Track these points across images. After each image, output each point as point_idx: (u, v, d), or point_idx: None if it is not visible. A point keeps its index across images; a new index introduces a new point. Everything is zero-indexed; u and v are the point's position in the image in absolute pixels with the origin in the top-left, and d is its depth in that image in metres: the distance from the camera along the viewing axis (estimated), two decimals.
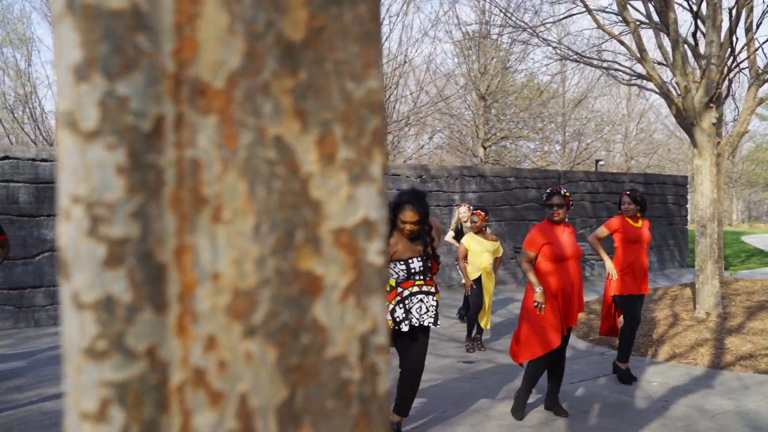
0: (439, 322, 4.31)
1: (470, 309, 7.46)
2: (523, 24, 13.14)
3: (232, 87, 0.50)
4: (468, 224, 8.03)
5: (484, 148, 21.60)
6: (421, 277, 4.14)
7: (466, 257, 7.31)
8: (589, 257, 14.35)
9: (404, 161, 23.70)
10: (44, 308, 8.88)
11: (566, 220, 5.01)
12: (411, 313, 4.09)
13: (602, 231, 5.91)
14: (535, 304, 4.75)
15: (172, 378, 0.49)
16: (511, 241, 13.55)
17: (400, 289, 4.10)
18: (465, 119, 23.10)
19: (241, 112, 0.50)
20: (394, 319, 4.05)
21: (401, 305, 4.08)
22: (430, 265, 4.15)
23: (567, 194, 4.90)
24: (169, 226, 0.49)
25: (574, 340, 7.74)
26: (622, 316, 5.94)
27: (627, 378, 5.81)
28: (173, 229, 0.49)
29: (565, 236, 4.88)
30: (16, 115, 21.46)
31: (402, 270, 4.09)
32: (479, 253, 7.18)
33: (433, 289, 4.23)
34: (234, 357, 0.50)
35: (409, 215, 3.97)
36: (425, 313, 4.15)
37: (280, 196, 0.51)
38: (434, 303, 4.22)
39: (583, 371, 6.28)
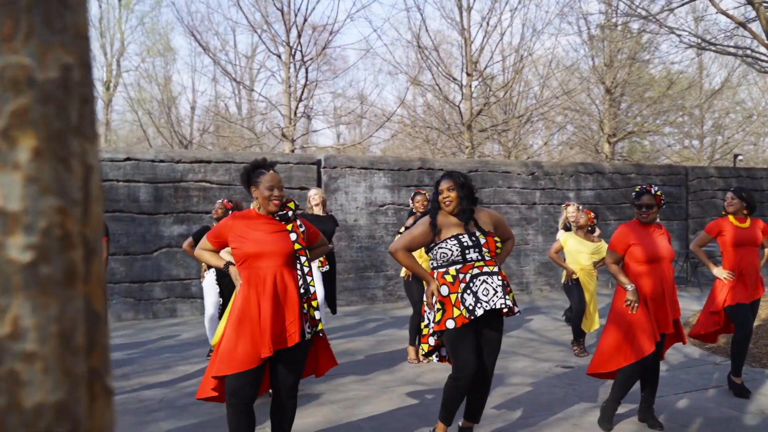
0: (508, 303, 3.91)
1: (573, 313, 7.14)
2: (647, 14, 12.44)
3: None
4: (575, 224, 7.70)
5: (610, 144, 20.65)
6: (479, 256, 3.92)
7: (557, 252, 7.03)
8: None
9: (527, 158, 23.05)
10: (161, 301, 9.43)
11: (657, 220, 4.65)
12: (478, 297, 3.87)
13: (704, 237, 5.48)
14: (627, 302, 4.45)
15: None
16: None
17: (461, 276, 3.90)
18: (591, 114, 22.18)
19: None
20: (466, 308, 3.85)
21: (468, 291, 3.87)
22: (485, 240, 3.94)
23: (658, 193, 4.54)
24: None
25: (688, 347, 7.20)
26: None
27: (742, 392, 5.33)
28: None
29: (656, 237, 4.54)
30: (154, 119, 22.92)
31: (455, 245, 3.89)
32: (576, 252, 6.86)
33: (495, 269, 3.96)
34: None
35: (444, 184, 4.00)
36: (494, 295, 3.89)
37: None
38: (500, 283, 3.93)
39: (691, 381, 5.82)
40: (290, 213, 3.65)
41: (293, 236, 3.60)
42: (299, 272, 3.61)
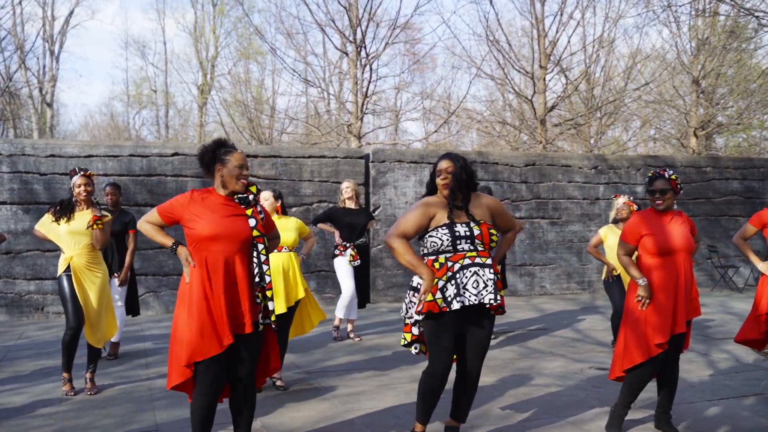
0: (493, 299, 3.62)
1: (613, 311, 6.70)
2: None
3: None
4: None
5: (697, 137, 19.47)
6: (471, 247, 3.64)
7: (596, 247, 6.61)
8: None
9: (612, 153, 22.05)
10: None
11: (674, 207, 4.23)
12: (467, 289, 3.59)
13: (748, 228, 5.01)
14: (638, 298, 4.07)
15: None
16: (708, 238, 12.02)
17: (449, 264, 3.62)
18: (677, 106, 20.98)
19: None
20: (445, 298, 3.58)
21: (452, 281, 3.59)
22: (479, 231, 3.64)
23: (673, 177, 4.13)
24: None
25: (742, 350, 6.61)
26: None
27: None
28: None
29: (672, 226, 4.13)
30: (236, 121, 23.41)
31: (445, 234, 3.62)
32: (616, 247, 6.39)
33: (488, 261, 3.67)
34: None
35: (443, 164, 3.70)
36: (484, 288, 3.61)
37: None
38: (491, 276, 3.64)
39: (732, 388, 5.30)
40: (251, 197, 3.51)
41: (252, 222, 3.45)
42: (255, 260, 3.46)
